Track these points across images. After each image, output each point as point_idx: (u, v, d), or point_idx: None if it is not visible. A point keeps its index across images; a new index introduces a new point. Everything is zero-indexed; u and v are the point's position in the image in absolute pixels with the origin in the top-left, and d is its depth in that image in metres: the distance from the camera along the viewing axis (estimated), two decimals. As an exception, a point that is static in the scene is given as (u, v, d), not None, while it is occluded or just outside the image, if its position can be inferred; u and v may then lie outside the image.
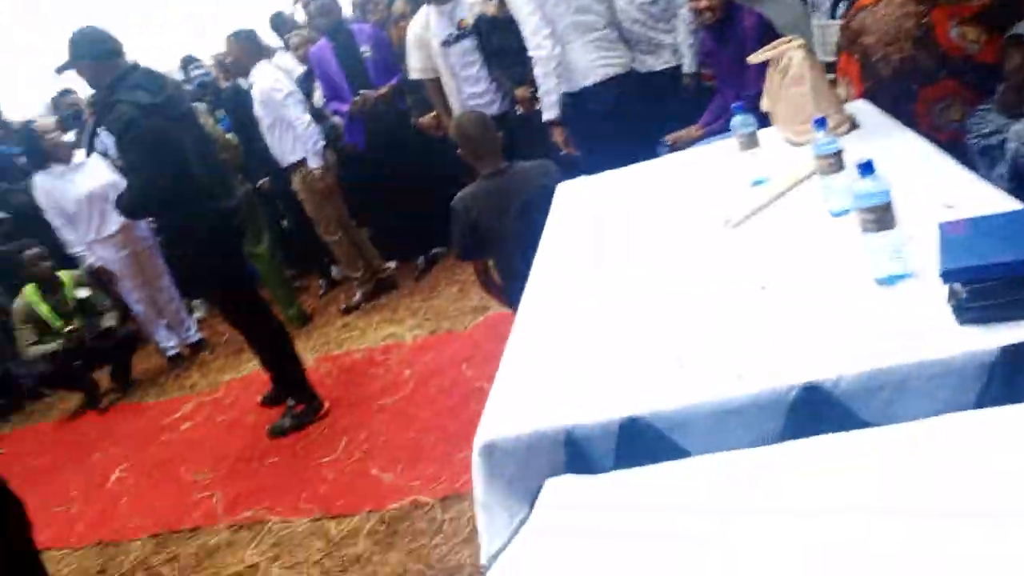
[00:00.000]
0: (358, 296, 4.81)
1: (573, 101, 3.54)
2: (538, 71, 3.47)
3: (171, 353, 5.06)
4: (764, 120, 2.40)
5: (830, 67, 2.82)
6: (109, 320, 4.84)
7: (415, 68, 4.48)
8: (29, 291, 4.71)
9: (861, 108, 2.36)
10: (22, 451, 4.62)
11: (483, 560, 1.35)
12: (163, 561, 2.96)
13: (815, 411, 1.20)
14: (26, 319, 4.72)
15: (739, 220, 1.90)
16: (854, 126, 2.22)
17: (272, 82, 4.33)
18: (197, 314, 5.67)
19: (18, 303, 4.75)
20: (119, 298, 4.95)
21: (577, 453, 1.31)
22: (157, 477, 3.65)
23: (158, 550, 3.05)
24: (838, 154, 1.73)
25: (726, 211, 1.94)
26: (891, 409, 1.17)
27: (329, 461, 3.19)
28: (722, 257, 1.75)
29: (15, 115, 6.77)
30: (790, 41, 2.30)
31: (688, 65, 3.54)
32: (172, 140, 3.08)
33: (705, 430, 1.25)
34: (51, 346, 4.68)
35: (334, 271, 5.36)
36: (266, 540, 2.84)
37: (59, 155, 4.68)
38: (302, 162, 4.46)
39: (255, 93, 4.41)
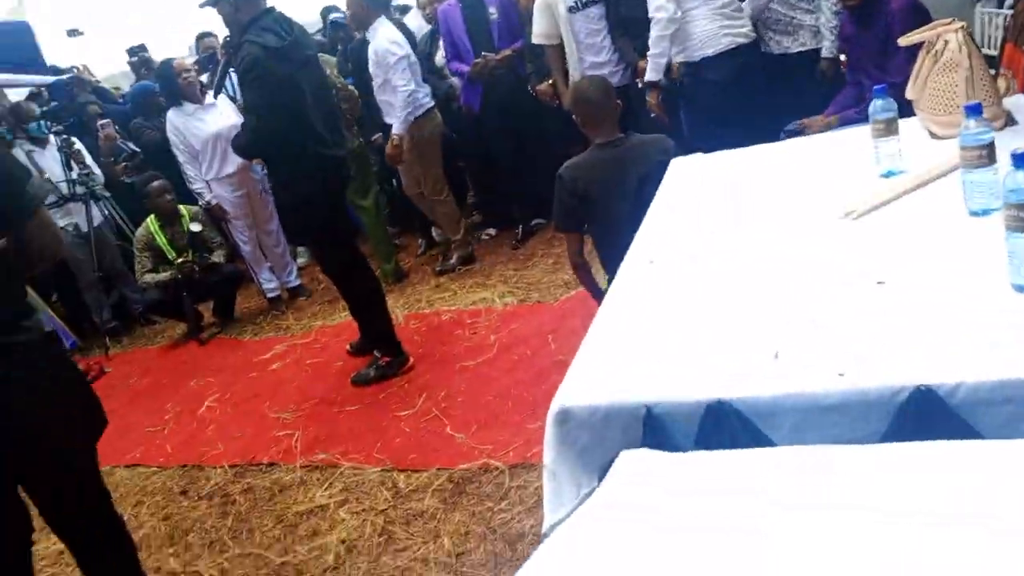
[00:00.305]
0: (454, 259, 4.81)
1: (691, 71, 3.38)
2: (654, 32, 3.34)
3: (271, 295, 5.22)
4: (905, 111, 2.19)
5: (990, 61, 2.55)
6: (218, 256, 5.03)
7: (538, 33, 4.36)
8: (150, 221, 4.95)
9: (1021, 104, 2.11)
10: (129, 372, 4.88)
11: (544, 529, 1.30)
12: (239, 491, 3.05)
13: (925, 419, 1.06)
14: (145, 247, 4.96)
15: (862, 212, 1.72)
16: (1010, 122, 1.99)
17: (388, 44, 4.29)
18: (300, 260, 5.83)
19: (140, 232, 5.00)
20: (229, 236, 5.13)
21: (656, 431, 1.22)
22: (243, 411, 3.77)
23: (236, 479, 3.14)
24: (989, 146, 1.53)
25: (849, 202, 1.77)
26: (1014, 425, 1.03)
27: (406, 415, 3.20)
28: (838, 248, 1.59)
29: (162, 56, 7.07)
30: (949, 23, 2.06)
31: (828, 49, 3.31)
32: (292, 84, 3.11)
33: (797, 424, 1.14)
34: (163, 276, 4.90)
35: (435, 232, 5.39)
36: (337, 484, 2.88)
37: (192, 94, 4.86)
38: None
39: (370, 51, 4.41)
